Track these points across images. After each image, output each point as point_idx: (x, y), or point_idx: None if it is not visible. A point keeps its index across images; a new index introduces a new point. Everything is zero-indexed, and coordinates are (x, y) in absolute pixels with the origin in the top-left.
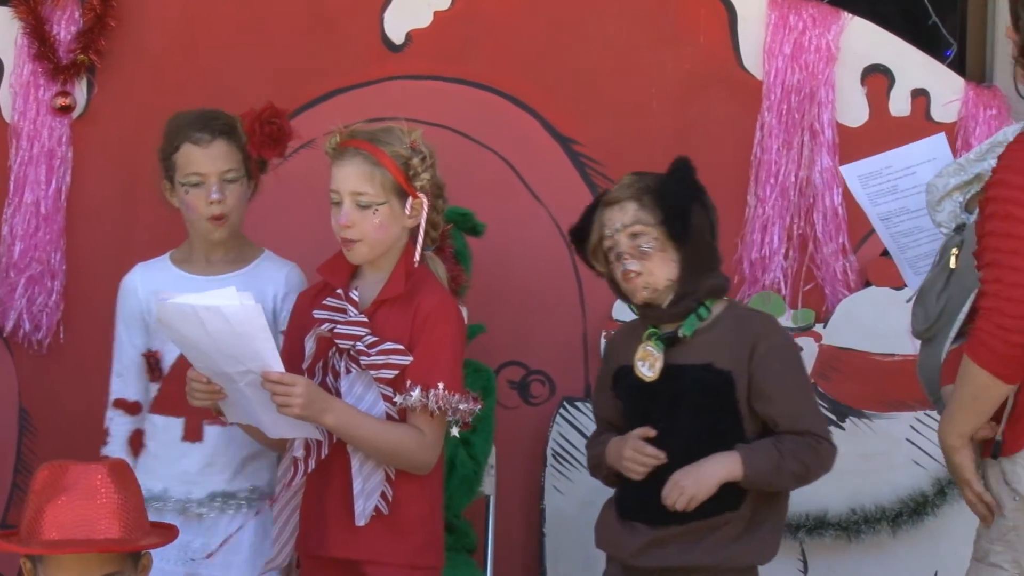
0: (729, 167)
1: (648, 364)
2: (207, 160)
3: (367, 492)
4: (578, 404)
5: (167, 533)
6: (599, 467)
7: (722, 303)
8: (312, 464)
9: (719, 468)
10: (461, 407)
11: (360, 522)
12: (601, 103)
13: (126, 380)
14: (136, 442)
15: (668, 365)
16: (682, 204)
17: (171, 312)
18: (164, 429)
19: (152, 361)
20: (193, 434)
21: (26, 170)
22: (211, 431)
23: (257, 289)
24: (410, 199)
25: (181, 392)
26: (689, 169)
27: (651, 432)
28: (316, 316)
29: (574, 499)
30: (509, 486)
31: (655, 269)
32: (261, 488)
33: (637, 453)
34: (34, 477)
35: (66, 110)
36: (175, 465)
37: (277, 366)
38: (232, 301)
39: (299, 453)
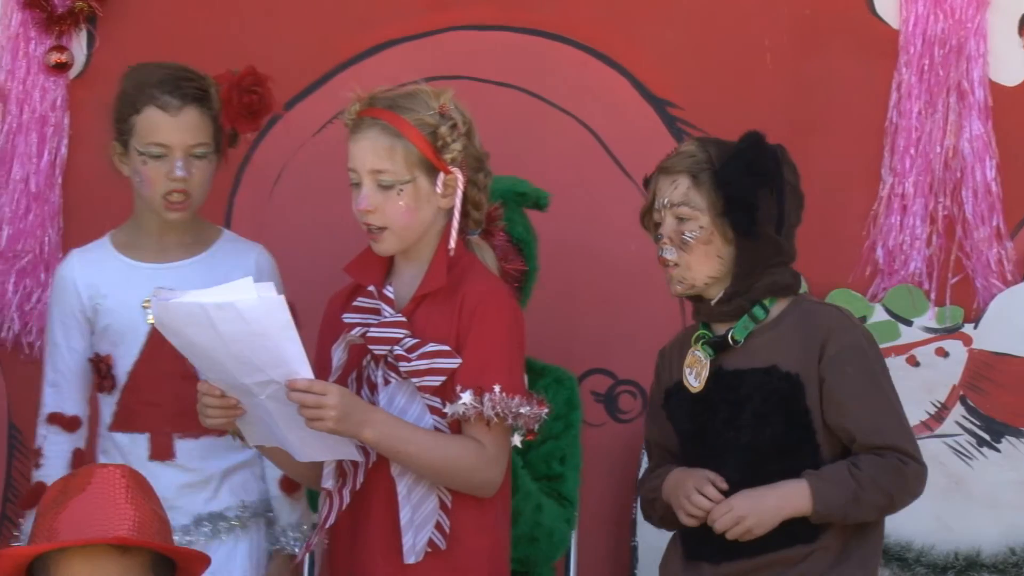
0: (858, 136)
1: (695, 372)
2: (174, 130)
3: (418, 523)
4: None
5: (202, 556)
6: (653, 505)
7: (786, 300)
8: (347, 495)
9: (783, 503)
10: (523, 411)
11: (410, 559)
12: (703, 58)
13: (62, 391)
14: (78, 464)
15: (725, 371)
16: (745, 195)
17: (174, 313)
18: (129, 448)
19: (103, 368)
20: (162, 452)
21: (14, 140)
22: (183, 445)
23: (222, 276)
24: (441, 175)
25: (142, 403)
26: (759, 148)
27: (721, 483)
28: (346, 320)
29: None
30: (594, 518)
31: (693, 264)
32: (253, 504)
33: (696, 492)
34: (43, 496)
35: (62, 68)
36: None
37: (305, 372)
38: (248, 294)
39: (330, 484)
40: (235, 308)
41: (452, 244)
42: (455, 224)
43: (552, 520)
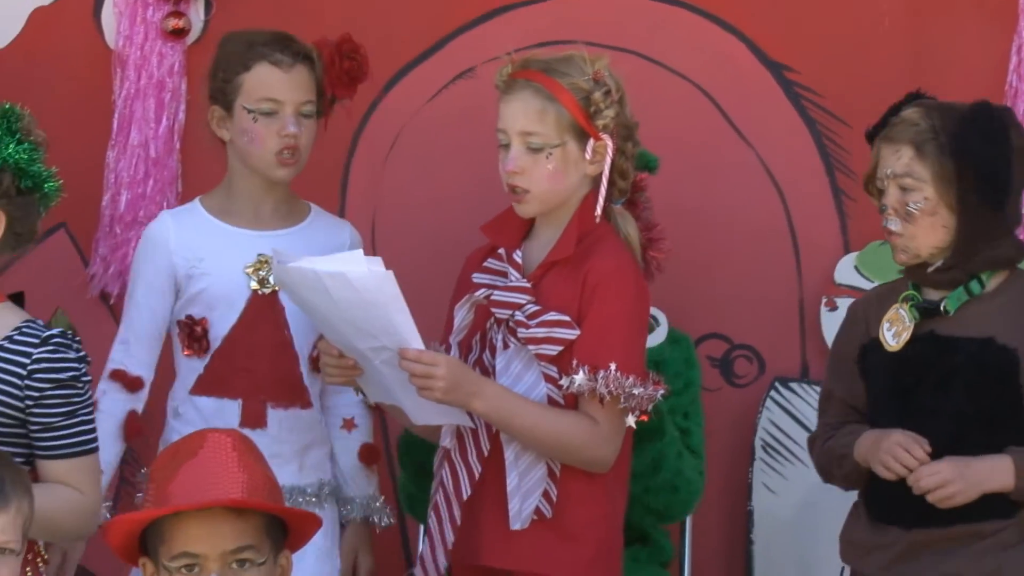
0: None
1: (895, 331)
2: (286, 86)
3: (525, 490)
4: (792, 386)
5: (313, 517)
6: (842, 462)
7: (1004, 272)
8: (475, 463)
9: (988, 476)
10: (636, 392)
11: (516, 525)
12: (820, 21)
13: (131, 350)
14: (131, 427)
15: (938, 336)
16: (980, 166)
17: (292, 276)
18: (213, 413)
19: (198, 331)
20: (254, 419)
21: (132, 105)
22: (274, 415)
23: (318, 251)
24: (591, 141)
25: (236, 369)
26: (991, 116)
27: (928, 447)
28: (475, 280)
29: (789, 499)
30: (710, 483)
31: (919, 235)
32: (330, 482)
33: (902, 449)
34: (155, 460)
35: (179, 34)
36: None
37: (415, 342)
38: (359, 267)
39: (448, 443)
40: (346, 278)
41: (598, 212)
42: (602, 192)
43: (690, 470)
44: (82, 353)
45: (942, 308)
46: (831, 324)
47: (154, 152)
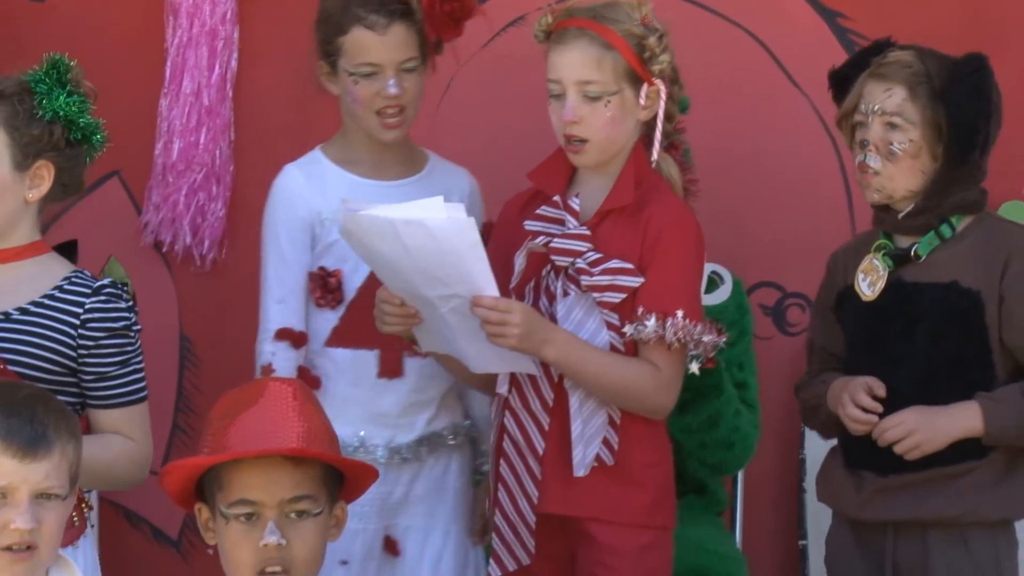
0: None
1: (869, 280)
2: (383, 49)
3: (587, 437)
4: None
5: (370, 469)
6: (816, 411)
7: (970, 216)
8: (540, 411)
9: (955, 423)
10: (704, 339)
11: (579, 472)
12: None
13: (290, 306)
14: (307, 382)
15: (904, 283)
16: (972, 121)
17: (362, 225)
18: (350, 365)
19: (332, 283)
20: (391, 369)
21: (185, 53)
22: (412, 364)
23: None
24: (645, 87)
25: (372, 320)
26: (985, 73)
27: (880, 389)
28: (528, 228)
29: None
30: (762, 433)
31: (897, 175)
32: (464, 427)
33: (850, 401)
34: (213, 407)
35: None
36: (371, 407)
37: (491, 289)
38: (439, 214)
39: (503, 390)
40: (424, 226)
41: (655, 157)
42: (658, 136)
43: (747, 425)
44: (131, 303)
45: (913, 254)
46: None
47: (207, 100)
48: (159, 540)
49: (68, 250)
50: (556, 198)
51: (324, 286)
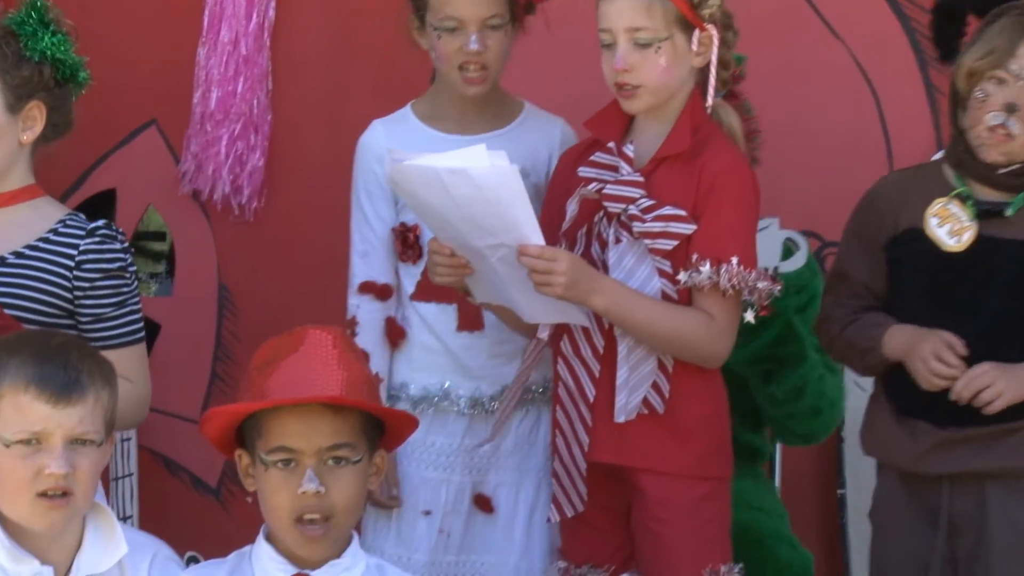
0: None
1: (949, 229)
2: (468, 4)
3: (632, 384)
4: None
5: (410, 418)
6: (866, 354)
7: None
8: (591, 359)
9: None
10: (760, 286)
11: (620, 418)
12: None
13: (371, 260)
14: (392, 332)
15: (981, 236)
16: None
17: (408, 175)
18: (435, 318)
19: (409, 238)
20: (471, 322)
21: (223, 2)
22: (492, 317)
23: (528, 150)
24: (697, 32)
25: None
26: None
27: (961, 348)
28: (581, 174)
29: None
30: None
31: None
32: (550, 378)
33: (941, 363)
34: (254, 355)
35: None
36: (454, 359)
37: (536, 238)
38: (482, 162)
39: (545, 335)
40: (467, 174)
41: (710, 102)
42: (712, 82)
43: (832, 390)
44: (127, 244)
45: (1005, 212)
46: None
47: (244, 50)
48: (198, 488)
49: (106, 199)
50: (611, 145)
51: (404, 241)
